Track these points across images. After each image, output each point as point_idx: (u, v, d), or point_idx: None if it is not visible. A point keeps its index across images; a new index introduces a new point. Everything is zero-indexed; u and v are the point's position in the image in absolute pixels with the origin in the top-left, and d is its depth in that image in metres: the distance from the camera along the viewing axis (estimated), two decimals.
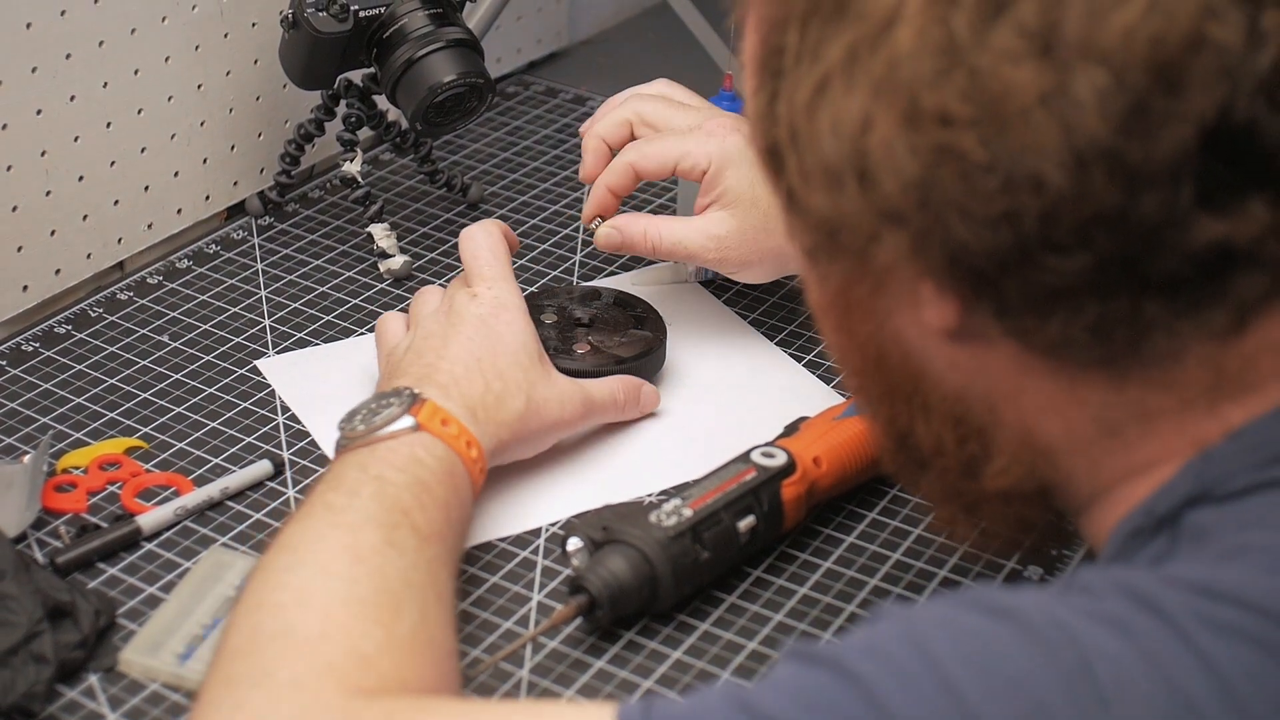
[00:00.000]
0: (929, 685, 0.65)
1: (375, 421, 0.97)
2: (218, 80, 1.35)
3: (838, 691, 0.67)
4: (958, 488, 0.82)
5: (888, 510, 1.07)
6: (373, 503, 0.91)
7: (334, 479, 0.93)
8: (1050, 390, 0.75)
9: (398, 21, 1.25)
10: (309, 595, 0.84)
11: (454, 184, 1.42)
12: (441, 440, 0.97)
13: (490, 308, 1.07)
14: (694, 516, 0.97)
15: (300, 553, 0.87)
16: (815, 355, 1.23)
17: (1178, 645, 0.65)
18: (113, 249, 1.30)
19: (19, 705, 0.88)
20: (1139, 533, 0.74)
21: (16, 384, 1.17)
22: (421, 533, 0.90)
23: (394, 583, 0.86)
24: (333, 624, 0.82)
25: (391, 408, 0.98)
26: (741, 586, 1.01)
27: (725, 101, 1.33)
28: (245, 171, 1.40)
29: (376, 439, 0.96)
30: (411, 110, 1.25)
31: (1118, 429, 0.75)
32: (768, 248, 1.17)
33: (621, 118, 1.20)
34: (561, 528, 1.05)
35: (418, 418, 0.97)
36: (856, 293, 0.77)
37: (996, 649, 0.66)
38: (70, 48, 1.22)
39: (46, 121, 1.22)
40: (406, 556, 0.88)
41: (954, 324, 0.73)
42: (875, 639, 0.68)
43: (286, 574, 0.86)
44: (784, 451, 1.02)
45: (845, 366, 0.84)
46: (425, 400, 0.99)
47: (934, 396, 0.79)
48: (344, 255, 1.34)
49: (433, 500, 0.93)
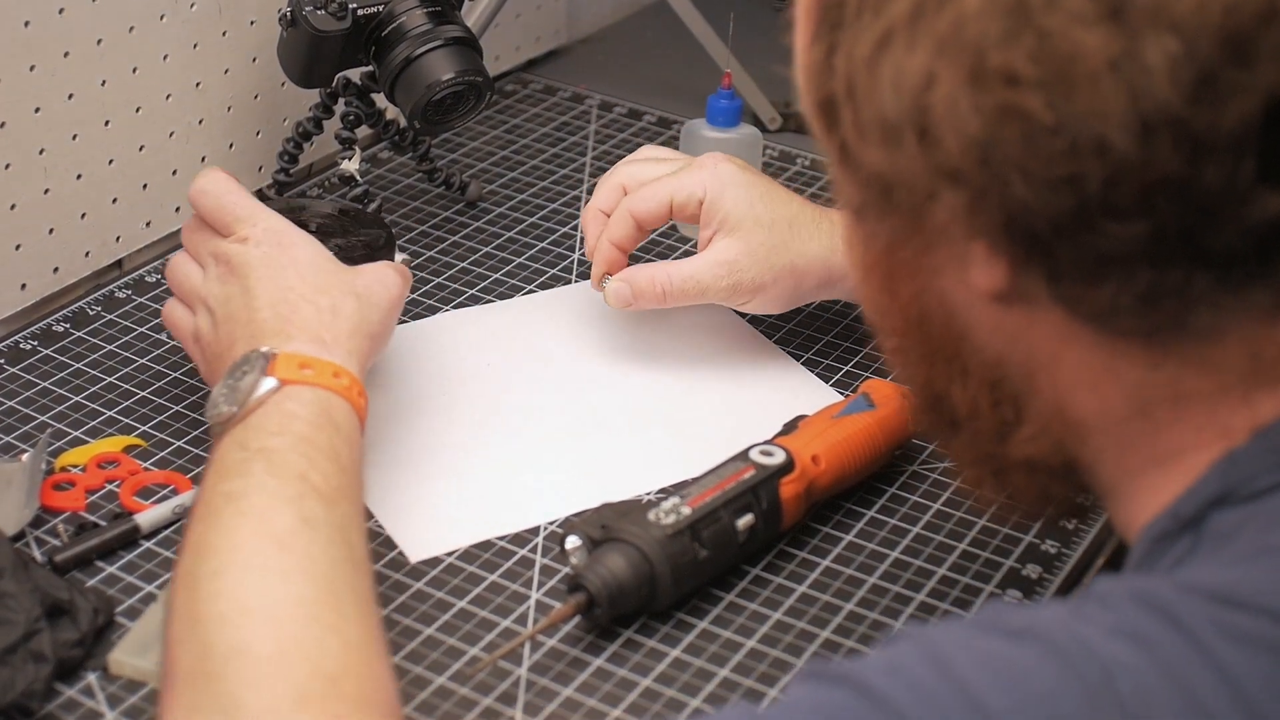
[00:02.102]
0: (954, 703, 0.65)
1: (239, 396, 0.94)
2: (216, 78, 1.35)
3: (861, 711, 0.66)
4: (989, 451, 0.82)
5: (886, 509, 1.07)
6: (269, 479, 0.88)
7: (220, 467, 0.90)
8: (1088, 362, 0.75)
9: (396, 19, 1.25)
10: (248, 602, 0.82)
11: (452, 182, 1.42)
12: (308, 385, 0.95)
13: (268, 241, 1.04)
14: (692, 515, 0.97)
15: (221, 554, 0.84)
16: (814, 353, 1.23)
17: (1194, 656, 0.65)
18: (111, 247, 1.30)
19: (18, 703, 0.88)
20: (1165, 536, 0.74)
21: (15, 382, 1.17)
22: (323, 494, 0.88)
23: (321, 566, 0.84)
24: (287, 638, 0.80)
25: (248, 376, 0.95)
26: (740, 585, 1.01)
27: (724, 100, 1.33)
28: (244, 169, 1.39)
29: (248, 412, 0.93)
30: (410, 108, 1.25)
31: (1150, 409, 0.75)
32: (780, 265, 1.15)
33: (614, 183, 1.20)
34: (560, 526, 1.05)
35: (277, 375, 0.94)
36: (903, 252, 0.77)
37: (1019, 667, 0.66)
38: (68, 46, 1.22)
39: (45, 119, 1.22)
40: (321, 530, 0.86)
41: (1002, 286, 0.73)
42: (895, 658, 0.68)
43: (215, 580, 0.83)
44: (782, 450, 1.02)
45: (885, 327, 0.83)
46: (275, 354, 0.96)
47: (973, 360, 0.79)
48: None
49: (320, 452, 0.91)
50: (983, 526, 1.06)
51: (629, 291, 1.17)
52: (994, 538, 1.05)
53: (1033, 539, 1.05)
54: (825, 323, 1.25)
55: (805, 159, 1.51)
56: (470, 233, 1.38)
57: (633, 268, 1.18)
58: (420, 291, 1.29)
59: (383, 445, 1.12)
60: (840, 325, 1.25)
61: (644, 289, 1.17)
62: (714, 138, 1.34)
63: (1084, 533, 1.06)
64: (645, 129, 1.56)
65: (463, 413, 1.15)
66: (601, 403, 1.17)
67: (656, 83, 1.64)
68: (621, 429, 1.15)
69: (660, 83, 1.64)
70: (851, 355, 1.23)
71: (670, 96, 1.61)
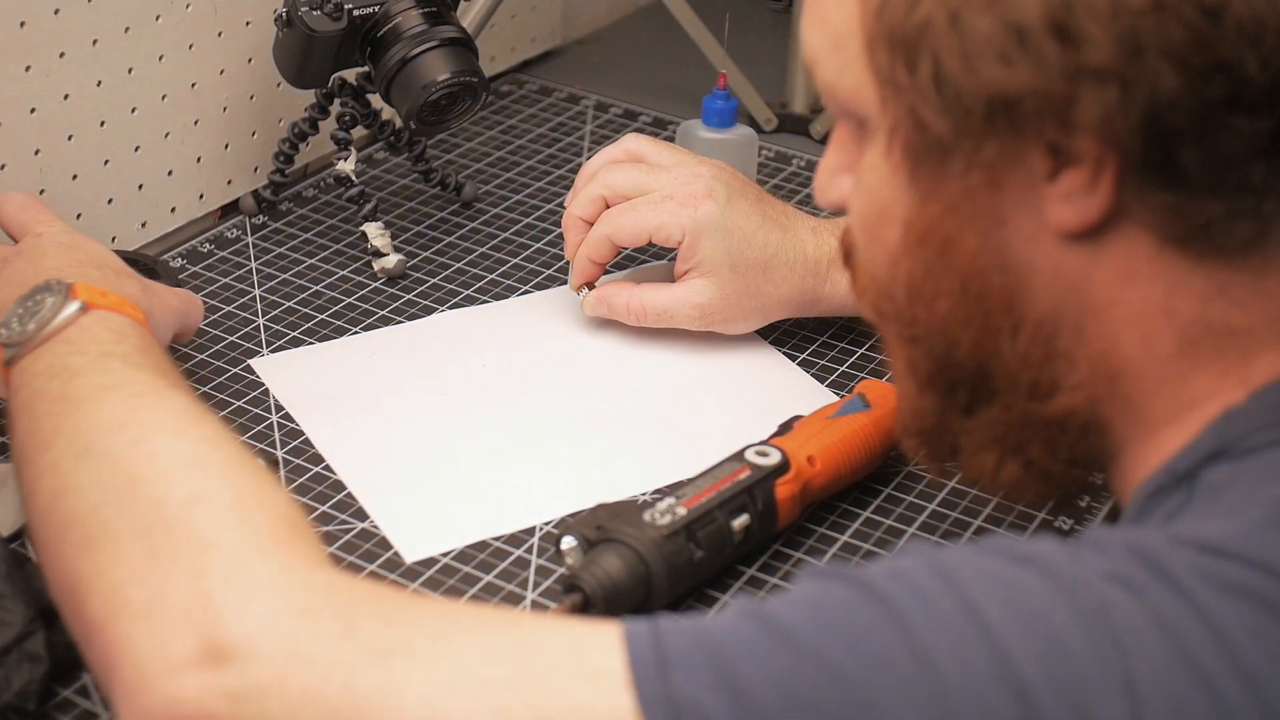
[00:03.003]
0: (954, 610, 0.67)
1: (43, 317, 0.90)
2: (211, 79, 1.35)
3: (861, 608, 0.68)
4: (1022, 417, 0.82)
5: (881, 509, 1.07)
6: (139, 372, 0.87)
7: (62, 371, 0.87)
8: (1147, 298, 0.76)
9: (392, 20, 1.25)
10: (192, 459, 0.80)
11: (448, 183, 1.42)
12: (114, 311, 0.93)
13: (62, 232, 1.05)
14: (688, 515, 0.97)
15: (134, 425, 0.82)
16: (809, 354, 1.23)
17: (1181, 605, 0.66)
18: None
19: (13, 704, 0.88)
20: (1159, 490, 0.76)
21: None
22: (189, 392, 0.87)
23: (234, 441, 0.83)
24: (244, 488, 0.79)
25: (50, 299, 0.92)
26: (735, 585, 1.01)
27: (719, 100, 1.33)
28: (239, 170, 1.39)
29: (49, 334, 0.90)
30: (406, 109, 1.25)
31: (1194, 347, 0.76)
32: (751, 307, 1.19)
33: (595, 194, 1.21)
34: (555, 526, 1.05)
35: (80, 298, 0.92)
36: (973, 202, 0.77)
37: (1020, 587, 0.67)
38: (64, 46, 1.22)
39: (40, 120, 1.22)
40: (211, 415, 0.85)
41: (1094, 215, 0.74)
42: (900, 566, 0.70)
43: (142, 444, 0.81)
44: (778, 450, 1.02)
45: (922, 299, 0.82)
46: (72, 283, 0.93)
47: (1028, 311, 0.79)
48: (338, 254, 1.34)
49: (160, 360, 0.91)
50: (977, 527, 1.06)
51: (606, 309, 1.22)
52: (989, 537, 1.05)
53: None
54: (821, 323, 1.25)
55: (801, 160, 1.51)
56: (466, 233, 1.38)
57: (611, 285, 1.22)
58: (416, 292, 1.29)
59: (378, 445, 1.12)
60: (836, 325, 1.26)
61: (619, 310, 1.21)
62: (709, 138, 1.34)
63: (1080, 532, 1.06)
64: (641, 130, 1.56)
65: (458, 413, 1.16)
66: (597, 403, 1.17)
67: (652, 83, 1.65)
68: (617, 429, 1.15)
69: (656, 83, 1.64)
70: (847, 356, 1.23)
71: (666, 97, 1.61)
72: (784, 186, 1.46)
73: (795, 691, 0.67)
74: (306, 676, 0.70)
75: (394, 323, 1.26)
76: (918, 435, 0.89)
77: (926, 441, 0.89)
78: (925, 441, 0.89)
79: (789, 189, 1.46)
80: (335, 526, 1.04)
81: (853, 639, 0.67)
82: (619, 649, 0.70)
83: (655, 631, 0.70)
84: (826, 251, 1.18)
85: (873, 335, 1.24)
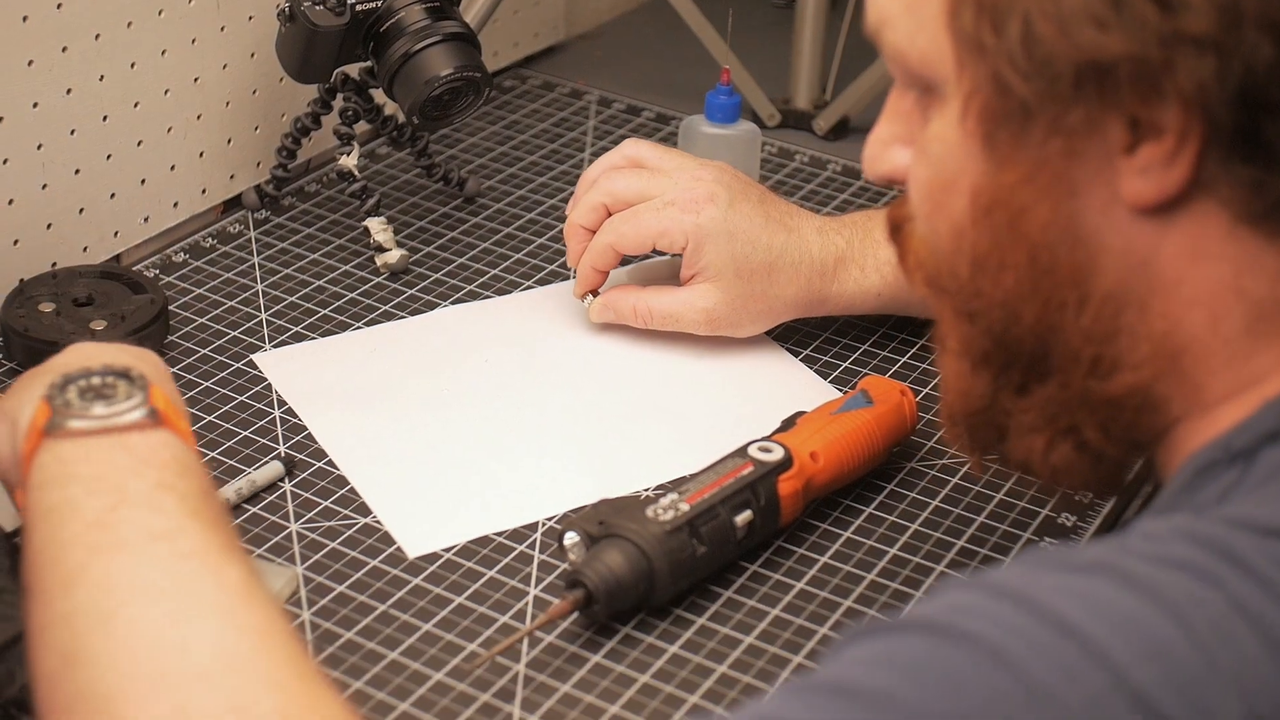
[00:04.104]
0: (1045, 633, 0.64)
1: (115, 407, 0.80)
2: (214, 74, 1.35)
3: (948, 653, 0.64)
4: (1079, 396, 0.80)
5: (884, 505, 1.07)
6: (192, 523, 0.76)
7: (111, 488, 0.76)
8: (1216, 277, 0.76)
9: (394, 15, 1.25)
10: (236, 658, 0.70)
11: (451, 178, 1.42)
12: (180, 438, 0.81)
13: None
14: (691, 511, 0.97)
15: (172, 596, 0.72)
16: (813, 350, 1.23)
17: (1259, 591, 0.65)
18: (109, 242, 1.30)
19: (16, 699, 0.88)
20: (1211, 466, 0.74)
21: (13, 377, 1.17)
22: (245, 556, 0.77)
23: (282, 625, 0.73)
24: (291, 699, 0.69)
25: (123, 387, 0.81)
26: (738, 581, 1.01)
27: (722, 96, 1.33)
28: (242, 165, 1.39)
29: (109, 429, 0.79)
30: (408, 104, 1.25)
31: (1261, 325, 0.76)
32: (757, 310, 1.19)
33: (596, 201, 1.20)
34: (558, 522, 1.05)
35: (157, 405, 0.81)
36: (1048, 171, 0.76)
37: (1100, 595, 0.65)
38: (67, 41, 1.22)
39: (43, 115, 1.22)
40: (265, 590, 0.75)
41: (1172, 189, 0.73)
42: (960, 601, 0.66)
43: (179, 627, 0.71)
44: (781, 446, 1.02)
45: (987, 270, 0.80)
46: (150, 382, 0.82)
47: (1095, 286, 0.78)
48: (341, 249, 1.34)
49: (220, 509, 0.80)
50: (981, 523, 1.06)
51: (612, 315, 1.22)
52: (992, 534, 1.05)
53: (1031, 535, 1.05)
54: (824, 319, 1.25)
55: (804, 155, 1.51)
56: (468, 228, 1.38)
57: (616, 291, 1.22)
58: (418, 287, 1.29)
59: (380, 440, 1.12)
60: (840, 322, 1.25)
61: (625, 314, 1.21)
62: (712, 134, 1.33)
63: (1082, 530, 1.06)
64: (643, 125, 1.56)
65: (461, 408, 1.15)
66: (599, 399, 1.17)
67: (655, 79, 1.64)
68: (620, 425, 1.15)
69: (659, 79, 1.64)
70: (850, 352, 1.23)
71: (669, 92, 1.61)
72: (787, 182, 1.46)
73: None
74: None
75: (396, 318, 1.26)
76: (964, 420, 0.87)
77: (971, 427, 0.87)
78: (970, 427, 0.87)
79: (791, 185, 1.46)
80: (338, 522, 1.04)
81: (955, 688, 0.64)
82: None
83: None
84: (833, 251, 1.18)
85: (877, 331, 1.24)
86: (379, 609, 0.98)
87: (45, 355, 1.12)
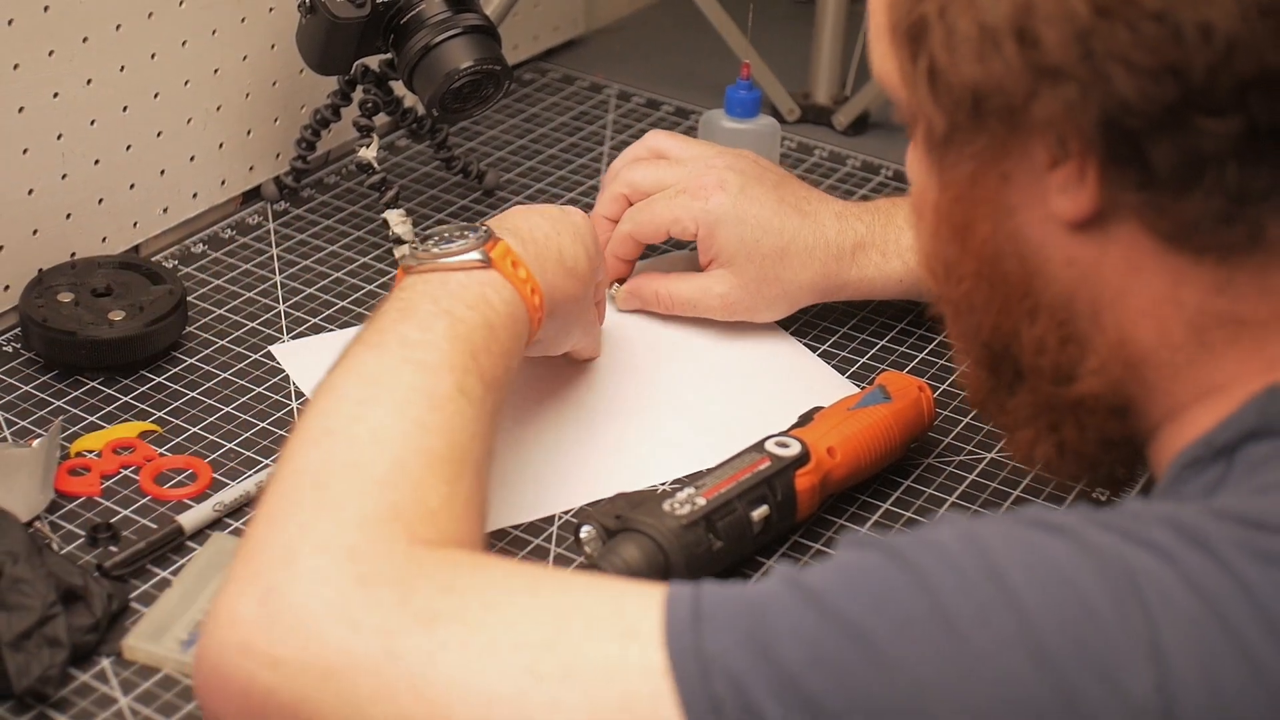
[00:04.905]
0: (978, 575, 0.68)
1: (449, 249, 0.97)
2: (234, 65, 1.35)
3: (889, 573, 0.69)
4: (1049, 399, 0.84)
5: (901, 501, 1.07)
6: (446, 342, 0.91)
7: (405, 307, 0.94)
8: (1154, 289, 0.77)
9: (415, 7, 1.25)
10: (385, 435, 0.84)
11: (470, 170, 1.41)
12: (511, 283, 0.98)
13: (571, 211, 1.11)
14: (707, 505, 0.97)
15: (378, 387, 0.87)
16: (830, 345, 1.23)
17: (1217, 569, 0.67)
18: (128, 233, 1.30)
19: (33, 688, 0.88)
20: (1196, 462, 0.76)
21: (31, 366, 1.17)
22: (486, 380, 0.91)
23: (461, 436, 0.87)
24: (404, 472, 0.83)
25: (466, 239, 0.98)
26: (754, 576, 1.01)
27: (742, 90, 1.33)
28: (261, 156, 1.39)
29: (442, 267, 0.97)
30: (428, 96, 1.25)
31: (1207, 336, 0.77)
32: (773, 294, 1.20)
33: (617, 193, 1.23)
34: (574, 515, 1.05)
35: (490, 254, 0.98)
36: (982, 190, 0.80)
37: (1047, 552, 0.68)
38: (87, 31, 1.22)
39: (63, 105, 1.22)
40: (474, 406, 0.89)
41: (1086, 209, 0.76)
42: (932, 535, 0.71)
43: (362, 407, 0.86)
44: (798, 441, 1.02)
45: (952, 279, 0.85)
46: (499, 239, 0.99)
47: (1044, 298, 0.81)
48: (359, 241, 1.34)
49: (499, 346, 0.94)
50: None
51: (638, 302, 1.24)
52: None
53: None
54: (842, 314, 1.25)
55: (824, 150, 1.51)
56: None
57: (640, 279, 1.24)
58: None
59: None
60: (857, 317, 1.25)
61: (649, 300, 1.24)
62: (732, 128, 1.33)
63: None
64: (663, 119, 1.56)
65: None
66: (617, 393, 1.17)
67: (675, 73, 1.64)
68: (637, 419, 1.14)
69: (678, 73, 1.64)
70: (868, 348, 1.23)
71: (688, 87, 1.61)
72: (806, 177, 1.46)
73: (820, 651, 0.68)
74: (351, 641, 0.74)
75: None
76: (980, 408, 0.91)
77: (986, 415, 0.91)
78: (985, 412, 0.91)
79: (812, 180, 1.45)
80: None
81: (878, 602, 0.69)
82: (658, 608, 0.72)
83: (696, 593, 0.72)
84: (851, 236, 1.18)
85: (894, 327, 1.24)
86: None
87: (63, 346, 1.14)
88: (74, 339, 1.15)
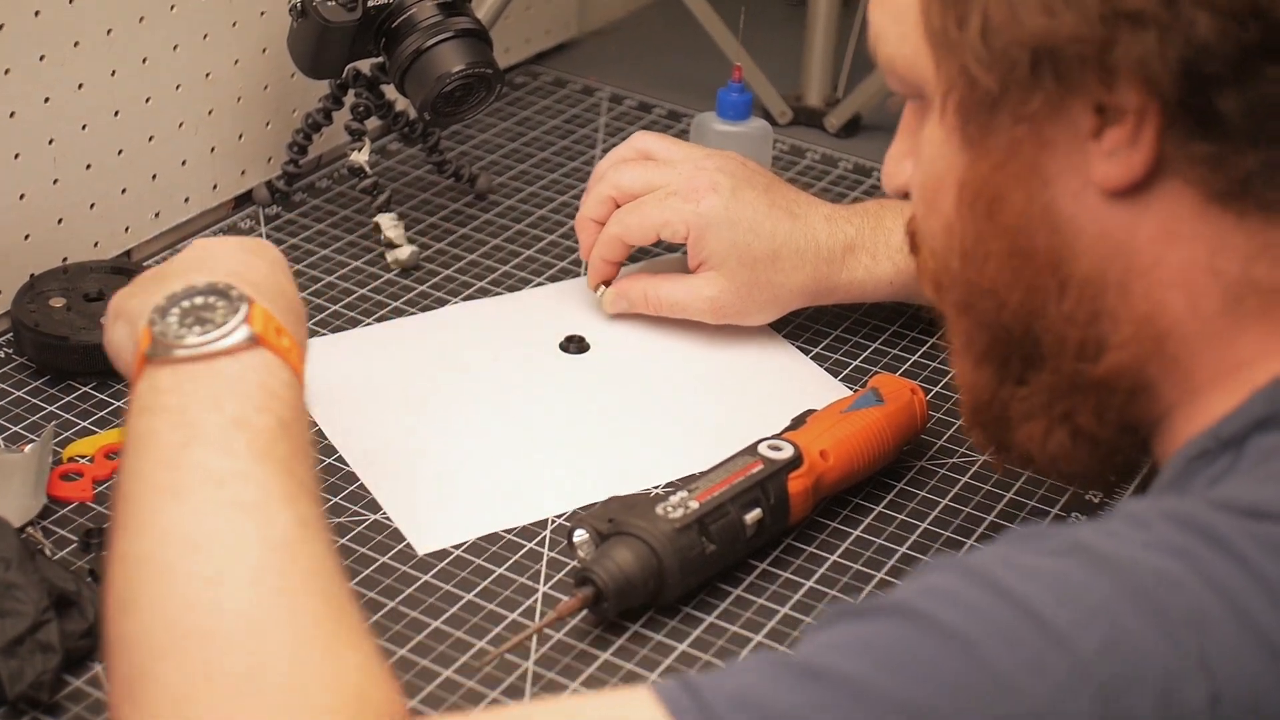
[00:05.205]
0: (1011, 618, 0.65)
1: (209, 334, 0.79)
2: (226, 69, 1.35)
3: (917, 640, 0.66)
4: (1071, 379, 0.82)
5: (894, 504, 1.07)
6: (258, 467, 0.76)
7: (182, 421, 0.77)
8: (1191, 258, 0.77)
9: (406, 11, 1.25)
10: (262, 621, 0.71)
11: (462, 174, 1.41)
12: (285, 360, 0.81)
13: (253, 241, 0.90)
14: (700, 509, 0.97)
15: (216, 555, 0.72)
16: (823, 348, 1.23)
17: (1237, 570, 0.66)
18: (120, 238, 1.30)
19: (26, 694, 0.88)
20: (1203, 454, 0.75)
21: (23, 371, 1.17)
22: (310, 492, 0.77)
23: (324, 579, 0.74)
24: (308, 661, 0.70)
25: (220, 309, 0.81)
26: (747, 579, 1.01)
27: (734, 93, 1.33)
28: (253, 160, 1.39)
29: (204, 355, 0.79)
30: (420, 100, 1.25)
31: (1238, 307, 0.77)
32: (763, 298, 1.19)
33: (604, 194, 1.22)
34: (568, 519, 1.05)
35: (255, 329, 0.80)
36: (1019, 161, 0.79)
37: (1071, 580, 0.66)
38: (78, 36, 1.22)
39: (54, 109, 1.22)
40: (315, 533, 0.75)
41: (1140, 169, 0.75)
42: (932, 584, 0.68)
43: (214, 589, 0.71)
44: (791, 444, 1.02)
45: (975, 260, 0.83)
46: (252, 301, 0.81)
47: (1074, 270, 0.80)
48: (351, 245, 1.34)
49: (300, 446, 0.79)
50: (991, 522, 1.06)
51: (625, 304, 1.23)
52: (1001, 533, 1.05)
53: None
54: (835, 317, 1.25)
55: (815, 153, 1.51)
56: (479, 225, 1.38)
57: (628, 280, 1.23)
58: (429, 284, 1.29)
59: (391, 437, 1.12)
60: (850, 320, 1.25)
61: (636, 302, 1.23)
62: (724, 131, 1.33)
63: None
64: (655, 122, 1.56)
65: (471, 405, 1.15)
66: (610, 396, 1.17)
67: (667, 76, 1.64)
68: (630, 422, 1.15)
69: (671, 76, 1.64)
70: (861, 350, 1.23)
71: (680, 89, 1.61)
72: (798, 180, 1.46)
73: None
74: None
75: (407, 314, 1.26)
76: (977, 416, 0.89)
77: (984, 423, 0.89)
78: (983, 424, 0.89)
79: (803, 182, 1.46)
80: (348, 518, 1.04)
81: (925, 676, 0.65)
82: (654, 704, 0.67)
83: (685, 686, 0.67)
84: (841, 239, 1.18)
85: (887, 330, 1.24)
86: (388, 605, 0.98)
87: (55, 351, 1.14)
88: (66, 344, 1.15)
